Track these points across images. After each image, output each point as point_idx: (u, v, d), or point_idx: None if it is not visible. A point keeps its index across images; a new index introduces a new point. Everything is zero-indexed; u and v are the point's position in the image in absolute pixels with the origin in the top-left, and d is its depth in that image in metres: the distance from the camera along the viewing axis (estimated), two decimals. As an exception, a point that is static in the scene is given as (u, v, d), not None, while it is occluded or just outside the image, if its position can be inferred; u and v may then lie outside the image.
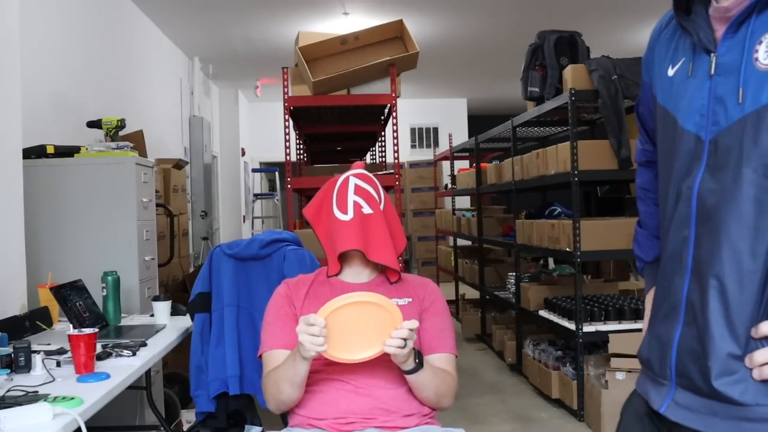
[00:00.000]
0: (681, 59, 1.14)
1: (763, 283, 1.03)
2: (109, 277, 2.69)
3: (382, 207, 1.96)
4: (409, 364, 1.73)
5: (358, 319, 1.66)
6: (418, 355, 1.75)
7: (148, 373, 2.73)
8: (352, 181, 1.96)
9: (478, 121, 11.44)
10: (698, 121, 1.08)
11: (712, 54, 1.07)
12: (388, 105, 4.25)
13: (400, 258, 2.04)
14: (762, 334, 1.03)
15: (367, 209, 1.92)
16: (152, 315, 2.74)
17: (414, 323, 1.68)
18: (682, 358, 1.10)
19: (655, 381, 1.17)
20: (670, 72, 1.16)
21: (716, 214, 1.05)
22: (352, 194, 1.93)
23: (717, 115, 1.05)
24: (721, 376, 1.05)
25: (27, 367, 1.87)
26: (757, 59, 1.01)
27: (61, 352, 2.06)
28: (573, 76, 4.05)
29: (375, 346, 1.68)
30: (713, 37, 1.08)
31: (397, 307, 1.68)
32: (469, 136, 10.31)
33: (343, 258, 1.94)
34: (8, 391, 1.66)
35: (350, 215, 1.90)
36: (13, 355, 1.89)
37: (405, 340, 1.65)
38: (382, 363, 1.77)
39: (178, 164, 5.26)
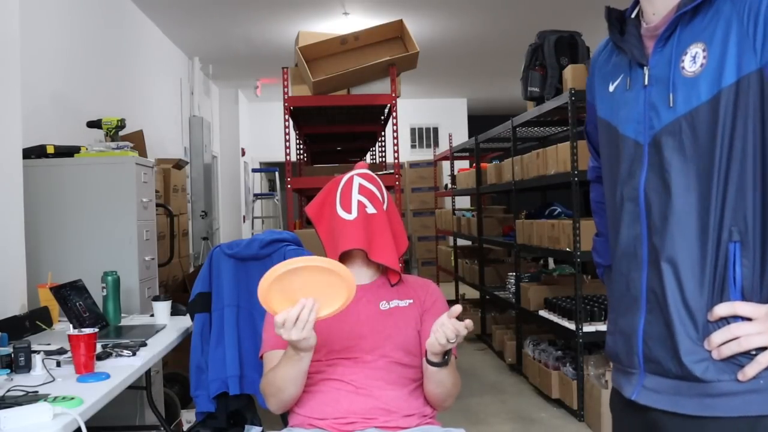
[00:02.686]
0: (620, 76, 1.27)
1: (714, 268, 1.11)
2: (109, 277, 2.69)
3: (385, 207, 1.96)
4: (442, 356, 1.70)
5: (309, 284, 1.60)
6: (449, 351, 1.73)
7: (148, 373, 2.73)
8: (357, 180, 1.95)
9: (478, 121, 11.44)
10: (636, 128, 1.20)
11: (645, 67, 1.19)
12: (388, 105, 4.25)
13: (400, 258, 2.03)
14: (717, 316, 1.10)
15: (371, 209, 1.91)
16: (152, 315, 2.74)
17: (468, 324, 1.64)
18: (649, 345, 1.18)
19: (625, 372, 1.25)
20: (611, 88, 1.29)
21: (665, 208, 1.15)
22: (356, 194, 1.92)
23: (651, 120, 1.17)
24: (688, 354, 1.12)
25: (27, 367, 1.87)
26: (683, 68, 1.13)
27: (61, 352, 2.05)
28: (573, 76, 4.05)
29: (331, 306, 1.64)
30: (645, 53, 1.21)
31: (347, 269, 1.62)
32: (469, 136, 10.31)
33: (345, 258, 1.92)
34: (8, 391, 1.66)
35: (354, 214, 1.89)
36: (13, 355, 1.89)
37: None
38: (383, 364, 1.77)
39: (178, 164, 5.26)
